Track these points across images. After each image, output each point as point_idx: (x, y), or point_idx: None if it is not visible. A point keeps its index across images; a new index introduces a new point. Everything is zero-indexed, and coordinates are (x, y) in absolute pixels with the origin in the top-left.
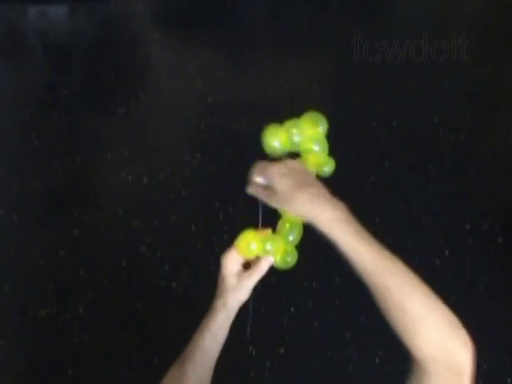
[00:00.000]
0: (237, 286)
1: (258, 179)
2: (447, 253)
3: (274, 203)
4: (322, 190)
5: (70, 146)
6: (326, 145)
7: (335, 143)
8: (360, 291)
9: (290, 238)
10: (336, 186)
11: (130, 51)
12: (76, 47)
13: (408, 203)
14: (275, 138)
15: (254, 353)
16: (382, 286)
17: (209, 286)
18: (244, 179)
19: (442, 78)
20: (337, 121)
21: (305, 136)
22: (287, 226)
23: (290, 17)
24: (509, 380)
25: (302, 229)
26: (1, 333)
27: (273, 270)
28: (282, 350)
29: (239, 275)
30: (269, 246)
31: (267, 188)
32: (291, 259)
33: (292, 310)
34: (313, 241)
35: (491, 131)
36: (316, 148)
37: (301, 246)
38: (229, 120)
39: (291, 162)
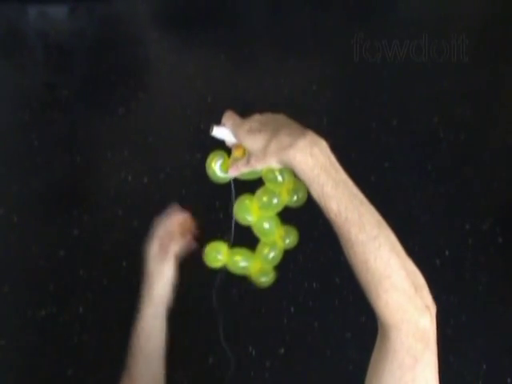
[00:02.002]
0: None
1: (222, 133)
2: (447, 253)
3: (253, 168)
4: (295, 132)
5: (70, 146)
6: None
7: (335, 143)
8: (360, 291)
9: (269, 258)
10: None
11: (130, 51)
12: (76, 47)
13: (408, 203)
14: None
15: (253, 353)
16: (347, 238)
17: (209, 286)
18: (244, 179)
19: (442, 78)
20: (337, 121)
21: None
22: (266, 249)
23: (290, 17)
24: (509, 380)
25: (281, 252)
26: (1, 333)
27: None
28: (282, 350)
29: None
30: (238, 260)
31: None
32: (266, 279)
33: (292, 309)
34: (313, 241)
35: (491, 131)
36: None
37: (301, 246)
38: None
39: (257, 115)
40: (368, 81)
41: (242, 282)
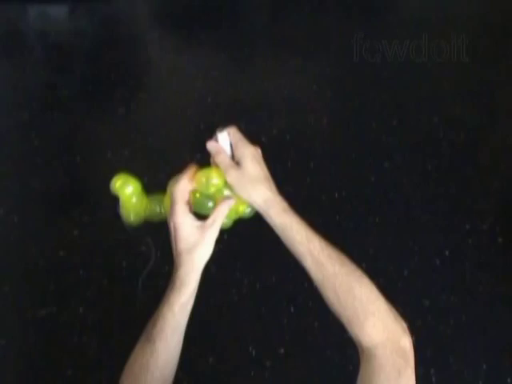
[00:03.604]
0: (199, 240)
1: (225, 138)
2: (447, 253)
3: (228, 177)
4: (274, 189)
5: (70, 146)
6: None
7: (335, 143)
8: None
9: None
10: (336, 186)
11: (130, 51)
12: (76, 47)
13: (408, 203)
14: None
15: (253, 353)
16: (332, 273)
17: (209, 286)
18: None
19: (442, 78)
20: (337, 121)
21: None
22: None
23: (289, 17)
24: (509, 380)
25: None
26: (1, 333)
27: (273, 270)
28: (282, 350)
29: (197, 228)
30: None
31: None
32: (252, 210)
33: (292, 309)
34: None
35: (491, 131)
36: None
37: None
38: (229, 120)
39: (258, 150)
40: (368, 81)
41: (242, 282)
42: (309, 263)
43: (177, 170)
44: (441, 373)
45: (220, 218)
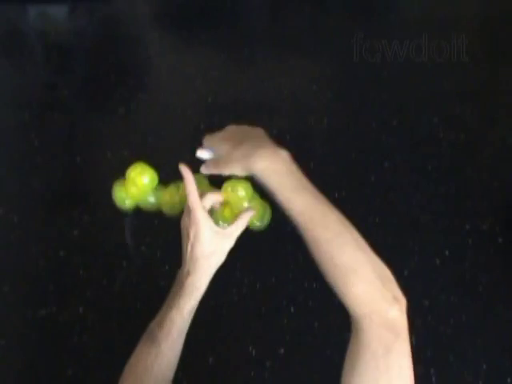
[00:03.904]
0: (217, 248)
1: (204, 154)
2: (447, 253)
3: (220, 171)
4: (260, 143)
5: (69, 146)
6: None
7: (335, 143)
8: None
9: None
10: (336, 186)
11: (130, 51)
12: (76, 47)
13: (408, 203)
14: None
15: (254, 353)
16: (313, 238)
17: (209, 286)
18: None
19: (442, 78)
20: (337, 121)
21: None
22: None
23: (289, 17)
24: (509, 380)
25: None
26: (1, 333)
27: (273, 271)
28: (282, 350)
29: (217, 235)
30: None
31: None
32: (267, 218)
33: (292, 309)
34: None
35: (491, 131)
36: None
37: (301, 246)
38: (229, 120)
39: (233, 126)
40: (368, 81)
41: (242, 282)
42: (295, 222)
43: (177, 169)
44: (441, 373)
45: (241, 228)
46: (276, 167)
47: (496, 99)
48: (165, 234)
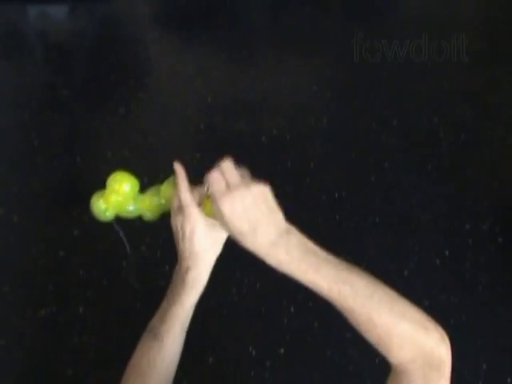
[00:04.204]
0: (213, 240)
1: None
2: (447, 253)
3: (221, 225)
4: (275, 225)
5: (70, 146)
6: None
7: (335, 143)
8: None
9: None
10: (336, 186)
11: (130, 51)
12: (76, 47)
13: (408, 203)
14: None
15: (254, 353)
16: (347, 308)
17: (209, 286)
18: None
19: (442, 78)
20: (337, 121)
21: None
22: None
23: (290, 17)
24: (509, 380)
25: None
26: (1, 333)
27: (273, 270)
28: (282, 350)
29: (210, 229)
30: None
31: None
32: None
33: (292, 309)
34: (312, 241)
35: (491, 131)
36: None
37: None
38: (229, 120)
39: (244, 193)
40: (368, 81)
41: (242, 282)
42: (325, 297)
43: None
44: None
45: None
46: (291, 256)
47: (496, 99)
48: (165, 234)
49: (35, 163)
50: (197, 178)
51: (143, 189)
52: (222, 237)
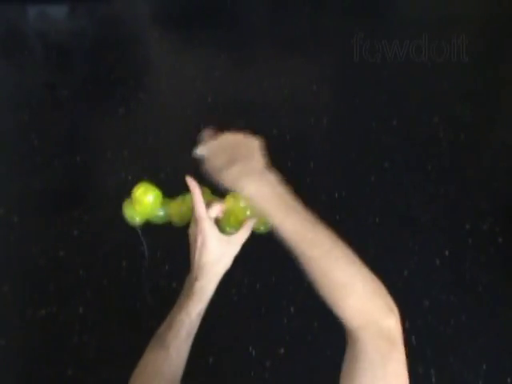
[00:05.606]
0: (224, 254)
1: (201, 152)
2: (447, 253)
3: (211, 176)
4: (251, 165)
5: (70, 146)
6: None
7: (335, 143)
8: None
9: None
10: (336, 186)
11: (130, 51)
12: (76, 47)
13: (408, 203)
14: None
15: (254, 353)
16: (306, 256)
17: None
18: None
19: (442, 78)
20: (337, 121)
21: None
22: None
23: (289, 17)
24: (509, 380)
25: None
26: (1, 333)
27: (273, 270)
28: (282, 350)
29: (223, 242)
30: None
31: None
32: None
33: (292, 309)
34: None
35: (491, 131)
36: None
37: None
38: (229, 120)
39: (229, 136)
40: (368, 81)
41: (242, 282)
42: (288, 245)
43: (177, 169)
44: (441, 373)
45: (245, 235)
46: (263, 193)
47: (496, 99)
48: (165, 234)
49: (35, 163)
50: (197, 178)
51: (172, 196)
52: (232, 252)
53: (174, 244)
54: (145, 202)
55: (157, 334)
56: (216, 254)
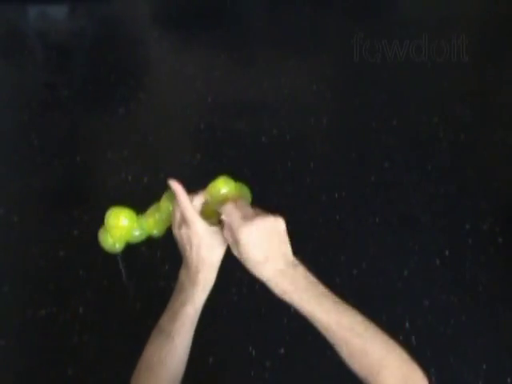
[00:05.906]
0: (218, 244)
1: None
2: (447, 253)
3: (242, 262)
4: (284, 260)
5: (69, 146)
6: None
7: (335, 143)
8: (360, 291)
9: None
10: (336, 186)
11: (130, 51)
12: (76, 47)
13: (408, 203)
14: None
15: (253, 353)
16: (341, 338)
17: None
18: (243, 178)
19: (442, 78)
20: (337, 121)
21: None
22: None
23: (289, 17)
24: (509, 380)
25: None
26: (1, 333)
27: None
28: (282, 350)
29: (214, 233)
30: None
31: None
32: (249, 195)
33: (292, 309)
34: (313, 241)
35: (491, 131)
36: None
37: (301, 246)
38: (229, 120)
39: (260, 222)
40: (368, 81)
41: (242, 282)
42: (321, 327)
43: (177, 169)
44: (441, 373)
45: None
46: (297, 285)
47: (496, 99)
48: (164, 234)
49: (35, 163)
50: (197, 178)
51: (143, 210)
52: (223, 240)
53: (173, 244)
54: (120, 225)
55: (159, 328)
56: (213, 246)
